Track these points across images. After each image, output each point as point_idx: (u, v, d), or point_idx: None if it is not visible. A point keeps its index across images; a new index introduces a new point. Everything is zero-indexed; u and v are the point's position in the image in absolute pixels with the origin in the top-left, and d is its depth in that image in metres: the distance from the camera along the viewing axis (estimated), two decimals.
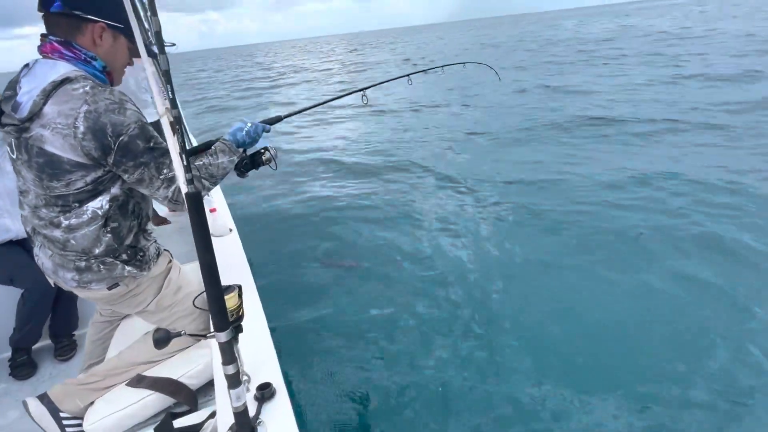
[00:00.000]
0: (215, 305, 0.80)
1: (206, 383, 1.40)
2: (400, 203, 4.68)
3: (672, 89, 8.96)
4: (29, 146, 1.08)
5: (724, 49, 13.04)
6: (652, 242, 3.39)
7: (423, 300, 2.93)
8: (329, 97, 2.00)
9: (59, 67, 1.10)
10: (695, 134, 5.99)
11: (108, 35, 1.18)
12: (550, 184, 4.77)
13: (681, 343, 2.41)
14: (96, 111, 1.05)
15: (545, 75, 12.45)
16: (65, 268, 1.23)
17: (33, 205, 1.17)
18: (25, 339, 2.03)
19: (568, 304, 2.80)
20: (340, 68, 23.55)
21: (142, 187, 1.17)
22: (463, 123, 8.10)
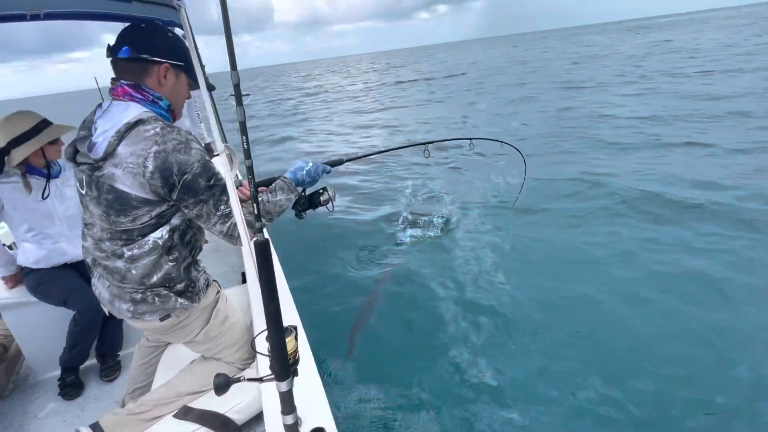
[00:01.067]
0: (277, 354, 0.78)
1: (251, 419, 1.38)
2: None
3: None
4: (100, 184, 1.12)
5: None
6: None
7: (480, 328, 2.87)
8: (392, 146, 2.12)
9: (131, 110, 1.15)
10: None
11: (171, 74, 1.23)
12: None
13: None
14: (165, 151, 1.09)
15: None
16: (122, 299, 1.26)
17: (97, 238, 1.22)
18: (75, 359, 2.09)
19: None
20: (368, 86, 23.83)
21: (200, 222, 1.20)
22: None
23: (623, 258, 3.51)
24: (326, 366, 2.62)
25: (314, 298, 3.41)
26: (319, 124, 12.89)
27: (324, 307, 3.26)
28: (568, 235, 3.98)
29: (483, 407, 2.25)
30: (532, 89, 14.48)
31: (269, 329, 0.77)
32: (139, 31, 1.20)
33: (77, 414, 1.98)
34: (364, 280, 3.58)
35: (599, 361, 2.47)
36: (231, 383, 0.89)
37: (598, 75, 15.62)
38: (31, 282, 2.03)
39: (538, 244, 3.89)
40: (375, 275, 3.61)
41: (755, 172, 4.93)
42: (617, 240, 3.83)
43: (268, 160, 8.98)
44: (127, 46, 1.17)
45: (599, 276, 3.31)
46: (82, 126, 1.20)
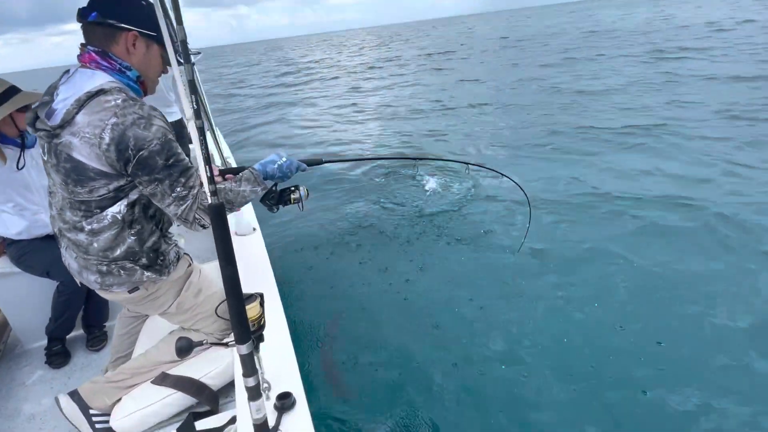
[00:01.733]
0: (236, 317, 0.79)
1: (228, 384, 1.41)
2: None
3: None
4: (59, 152, 1.10)
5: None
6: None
7: (456, 316, 2.83)
8: (377, 156, 2.04)
9: (97, 78, 1.11)
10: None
11: (141, 43, 1.18)
12: None
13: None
14: (123, 124, 1.05)
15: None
16: (89, 270, 1.26)
17: (59, 207, 1.20)
18: (60, 329, 2.11)
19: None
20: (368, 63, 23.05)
21: (155, 200, 1.18)
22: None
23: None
24: (301, 335, 2.65)
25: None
26: (303, 109, 12.18)
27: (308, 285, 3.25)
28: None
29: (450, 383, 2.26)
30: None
31: (227, 293, 0.77)
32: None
33: (64, 382, 2.02)
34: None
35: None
36: (193, 346, 0.90)
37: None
38: (13, 253, 2.02)
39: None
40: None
41: None
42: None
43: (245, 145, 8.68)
44: (96, 10, 1.13)
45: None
46: (47, 91, 1.17)
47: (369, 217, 4.44)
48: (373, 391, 2.27)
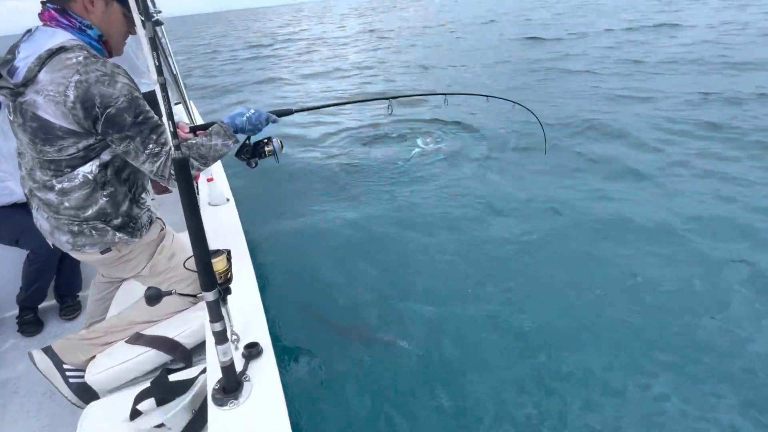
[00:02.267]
0: (202, 266, 0.84)
1: (200, 343, 1.47)
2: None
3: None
4: (24, 110, 1.11)
5: None
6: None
7: (418, 274, 2.98)
8: (352, 100, 1.90)
9: (57, 36, 1.11)
10: None
11: (99, 1, 1.18)
12: None
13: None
14: (86, 81, 1.06)
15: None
16: (60, 230, 1.28)
17: (29, 167, 1.21)
18: (31, 298, 2.12)
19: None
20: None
21: (129, 158, 1.20)
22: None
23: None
24: (271, 295, 2.77)
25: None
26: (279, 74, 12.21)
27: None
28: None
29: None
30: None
31: (192, 245, 0.83)
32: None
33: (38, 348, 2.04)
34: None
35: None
36: (162, 296, 0.95)
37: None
38: None
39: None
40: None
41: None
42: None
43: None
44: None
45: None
46: (9, 50, 1.16)
47: (351, 178, 4.65)
48: (335, 345, 2.40)
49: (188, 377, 1.22)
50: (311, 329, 2.53)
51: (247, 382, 1.00)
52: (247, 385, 0.99)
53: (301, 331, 2.50)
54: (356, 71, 11.11)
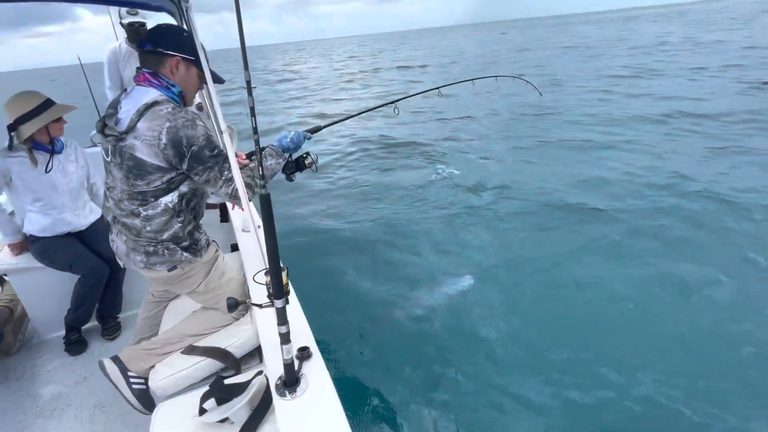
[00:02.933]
0: (275, 279, 1.06)
1: (247, 353, 1.66)
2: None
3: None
4: (123, 152, 1.36)
5: None
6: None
7: (437, 285, 3.33)
8: (364, 109, 2.21)
9: (150, 93, 1.38)
10: None
11: (182, 66, 1.46)
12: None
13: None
14: (175, 126, 1.33)
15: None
16: (136, 251, 1.51)
17: (118, 198, 1.45)
18: (79, 319, 2.31)
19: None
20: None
21: (208, 186, 1.45)
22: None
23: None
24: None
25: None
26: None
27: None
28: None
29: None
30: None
31: (269, 260, 1.04)
32: (158, 31, 1.44)
33: (84, 366, 2.21)
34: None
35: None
36: (239, 304, 1.16)
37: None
38: (37, 249, 2.22)
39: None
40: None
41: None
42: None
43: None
44: (149, 42, 1.42)
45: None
46: (110, 105, 1.43)
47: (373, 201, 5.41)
48: (372, 350, 2.86)
49: (243, 380, 1.41)
50: (344, 336, 2.97)
51: (303, 378, 1.19)
52: (303, 381, 1.18)
53: (337, 337, 2.95)
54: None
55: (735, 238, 3.87)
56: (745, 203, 4.42)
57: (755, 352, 2.58)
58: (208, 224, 3.25)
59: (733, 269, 3.38)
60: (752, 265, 3.43)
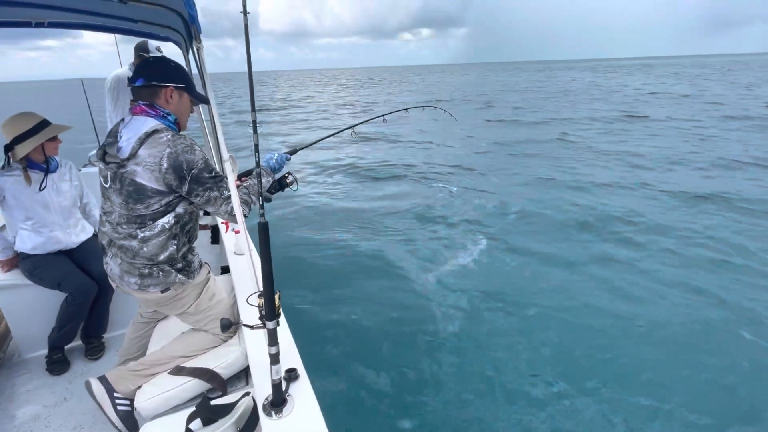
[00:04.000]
0: (269, 300, 1.12)
1: (233, 375, 1.69)
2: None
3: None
4: (123, 178, 1.42)
5: None
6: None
7: (429, 310, 3.42)
8: (327, 134, 2.48)
9: (148, 123, 1.47)
10: None
11: (175, 94, 1.56)
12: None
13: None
14: (175, 152, 1.41)
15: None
16: (131, 274, 1.55)
17: (115, 222, 1.50)
18: (63, 338, 2.29)
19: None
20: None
21: (209, 206, 1.52)
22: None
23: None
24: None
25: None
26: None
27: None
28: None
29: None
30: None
31: (264, 282, 1.10)
32: (149, 65, 1.54)
33: (65, 386, 2.19)
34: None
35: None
36: (233, 324, 1.21)
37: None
38: (27, 266, 2.23)
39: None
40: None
41: None
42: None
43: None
44: (142, 77, 1.51)
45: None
46: (109, 134, 1.51)
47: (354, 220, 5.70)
48: (357, 372, 2.93)
49: (229, 401, 1.43)
50: (331, 358, 3.05)
51: (290, 399, 1.23)
52: (290, 401, 1.22)
53: (324, 359, 3.04)
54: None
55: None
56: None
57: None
58: (199, 245, 3.30)
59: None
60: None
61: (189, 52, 2.63)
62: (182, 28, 2.08)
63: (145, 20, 2.22)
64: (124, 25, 2.46)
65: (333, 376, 2.89)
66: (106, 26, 2.54)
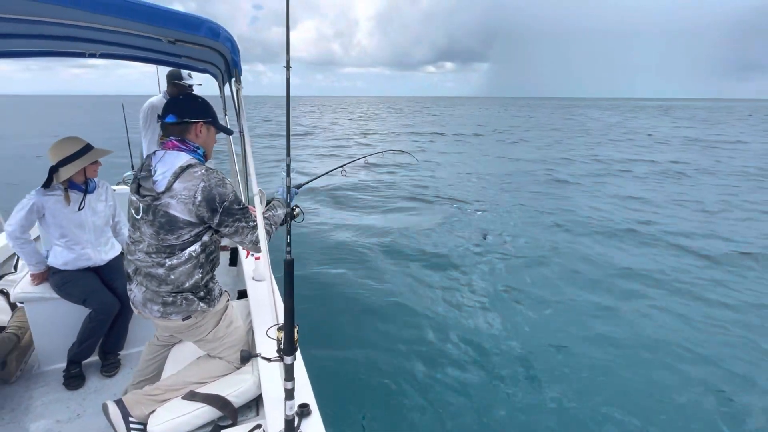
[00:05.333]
0: (289, 336, 1.15)
1: (244, 404, 1.69)
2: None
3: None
4: (157, 210, 1.50)
5: None
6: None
7: (442, 340, 3.36)
8: (323, 172, 2.54)
9: (181, 157, 1.57)
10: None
11: (204, 128, 1.67)
12: None
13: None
14: (209, 186, 1.49)
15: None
16: (154, 302, 1.61)
17: (144, 251, 1.57)
18: (82, 353, 2.35)
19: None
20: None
21: (236, 236, 1.58)
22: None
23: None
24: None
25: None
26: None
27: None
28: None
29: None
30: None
31: (286, 318, 1.14)
32: (180, 103, 1.64)
33: (79, 402, 2.22)
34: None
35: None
36: (252, 357, 1.24)
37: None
38: (57, 281, 2.32)
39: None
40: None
41: None
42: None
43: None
44: (172, 114, 1.61)
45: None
46: (143, 168, 1.60)
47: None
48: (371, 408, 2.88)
49: None
50: (345, 393, 3.02)
51: None
52: None
53: (338, 394, 3.00)
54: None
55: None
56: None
57: None
58: (217, 267, 3.39)
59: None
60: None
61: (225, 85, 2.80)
62: (221, 64, 2.23)
63: (189, 56, 2.39)
64: (168, 59, 2.65)
65: (345, 415, 2.83)
66: (152, 59, 2.74)
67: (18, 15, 1.41)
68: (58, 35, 1.91)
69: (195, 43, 1.72)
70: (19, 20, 1.48)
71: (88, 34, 1.79)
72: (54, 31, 1.80)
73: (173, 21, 1.30)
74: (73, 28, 1.64)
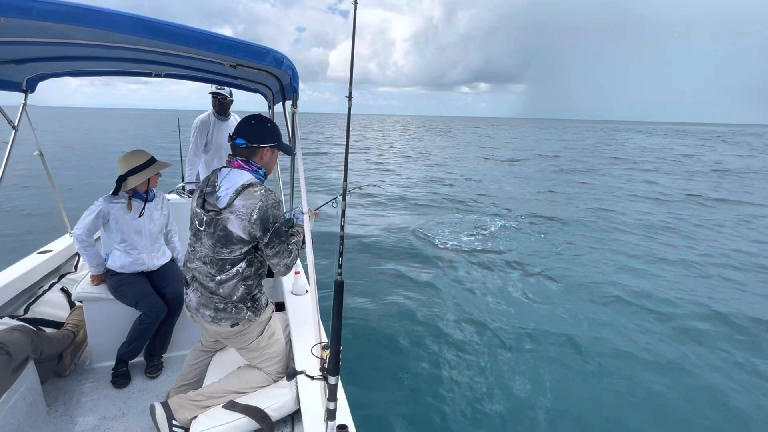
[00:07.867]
0: (335, 356, 1.17)
1: (281, 419, 1.72)
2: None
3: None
4: (218, 224, 1.60)
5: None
6: None
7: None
8: (323, 203, 2.53)
9: (245, 176, 1.66)
10: None
11: (269, 152, 1.75)
12: None
13: None
14: (265, 206, 1.57)
15: None
16: (207, 307, 1.69)
17: (202, 260, 1.67)
18: (130, 353, 2.48)
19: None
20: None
21: (276, 257, 1.65)
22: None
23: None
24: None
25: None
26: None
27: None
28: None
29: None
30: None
31: (333, 339, 1.16)
32: (250, 127, 1.72)
33: (124, 401, 2.33)
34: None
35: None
36: (297, 374, 1.27)
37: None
38: (113, 282, 2.48)
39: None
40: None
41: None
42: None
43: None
44: (242, 138, 1.70)
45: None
46: (208, 183, 1.70)
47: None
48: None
49: None
50: (384, 417, 3.01)
51: None
52: None
53: (376, 418, 2.99)
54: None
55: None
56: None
57: None
58: None
59: None
60: None
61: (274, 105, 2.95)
62: (275, 87, 2.36)
63: (245, 78, 2.54)
64: (224, 80, 2.83)
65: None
66: (208, 79, 2.93)
67: (103, 42, 1.55)
68: (133, 58, 2.09)
69: (256, 68, 1.83)
70: (103, 46, 1.63)
71: (158, 57, 1.95)
72: (130, 55, 1.98)
73: (243, 50, 1.39)
74: (148, 53, 1.79)
